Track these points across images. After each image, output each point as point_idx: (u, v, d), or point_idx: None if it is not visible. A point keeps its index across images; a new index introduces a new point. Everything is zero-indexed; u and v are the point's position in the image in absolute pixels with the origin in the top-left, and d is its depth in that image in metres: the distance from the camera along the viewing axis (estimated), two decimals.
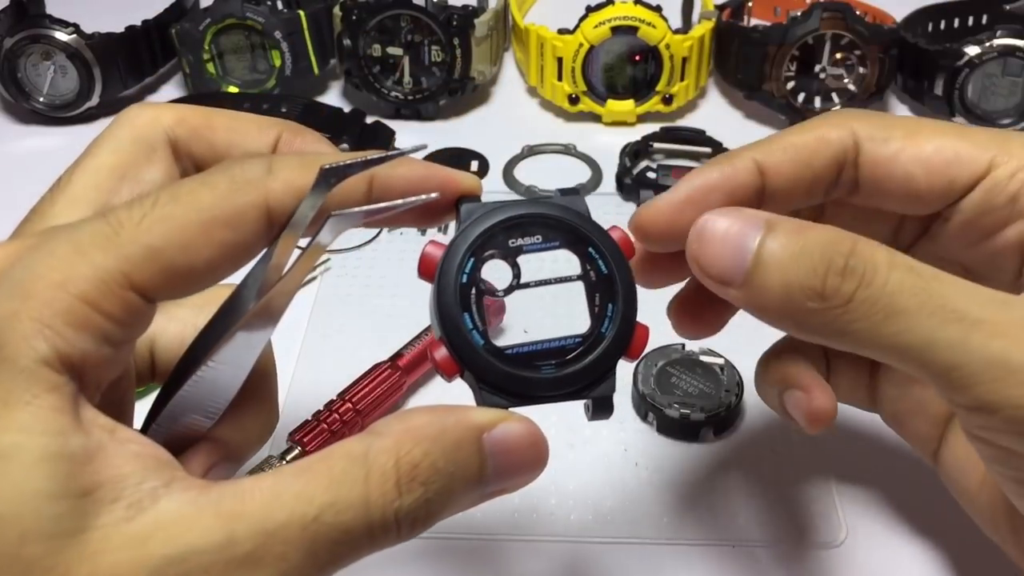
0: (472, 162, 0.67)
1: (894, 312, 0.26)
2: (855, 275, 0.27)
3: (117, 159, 0.33)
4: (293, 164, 0.28)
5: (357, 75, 0.70)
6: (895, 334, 0.27)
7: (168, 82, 0.77)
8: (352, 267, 0.56)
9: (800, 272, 0.28)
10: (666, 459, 0.44)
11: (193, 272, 0.26)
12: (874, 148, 0.32)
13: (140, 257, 0.25)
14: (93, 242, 0.25)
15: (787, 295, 0.28)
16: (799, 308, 0.28)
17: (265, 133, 0.34)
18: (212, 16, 0.69)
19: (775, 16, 0.81)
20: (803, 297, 0.28)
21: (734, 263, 0.29)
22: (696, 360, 0.48)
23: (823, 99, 0.68)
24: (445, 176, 0.30)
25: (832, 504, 0.42)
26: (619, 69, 0.69)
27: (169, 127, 0.33)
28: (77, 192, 0.32)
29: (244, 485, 0.24)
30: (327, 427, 0.43)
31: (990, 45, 0.65)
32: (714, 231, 0.30)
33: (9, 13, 0.69)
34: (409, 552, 0.40)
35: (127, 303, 0.25)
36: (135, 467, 0.24)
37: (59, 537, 0.22)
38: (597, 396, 0.30)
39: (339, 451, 0.25)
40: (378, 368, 0.46)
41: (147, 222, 0.25)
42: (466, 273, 0.29)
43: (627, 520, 0.41)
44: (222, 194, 0.26)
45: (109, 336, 0.24)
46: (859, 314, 0.27)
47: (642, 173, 0.62)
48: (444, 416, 0.26)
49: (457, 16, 0.67)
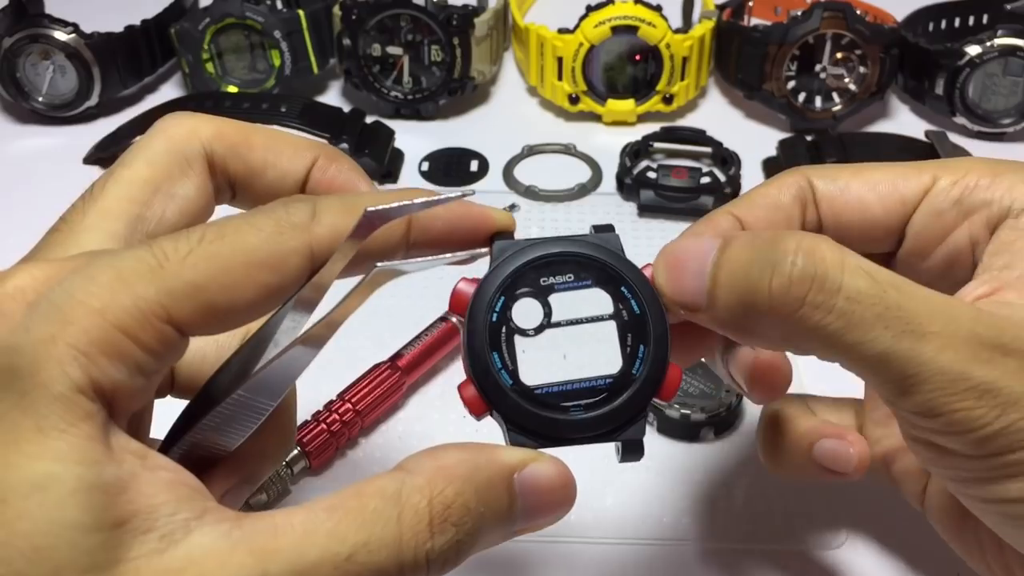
0: (472, 162, 0.67)
1: (852, 323, 0.27)
2: (803, 283, 0.27)
3: (152, 171, 0.32)
4: (337, 208, 0.27)
5: (357, 75, 0.69)
6: (856, 344, 0.27)
7: (167, 82, 0.77)
8: None
9: (751, 280, 0.28)
10: (666, 459, 0.44)
11: (232, 311, 0.26)
12: (825, 185, 0.34)
13: (182, 293, 0.24)
14: (136, 272, 0.24)
15: (742, 307, 0.28)
16: (755, 318, 0.28)
17: (301, 156, 0.34)
18: (211, 16, 0.69)
19: (776, 16, 0.81)
20: (754, 304, 0.28)
21: (696, 286, 0.29)
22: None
23: (823, 99, 0.68)
24: (480, 214, 0.30)
25: (832, 505, 0.42)
26: (619, 69, 0.69)
27: (207, 141, 0.33)
28: (110, 204, 0.31)
29: (276, 520, 0.24)
30: (327, 427, 0.43)
31: (991, 45, 0.65)
32: (674, 257, 0.30)
33: (8, 12, 0.69)
34: None
35: (164, 336, 0.24)
36: (168, 497, 0.23)
37: (93, 571, 0.22)
38: (627, 440, 0.29)
39: (371, 488, 0.25)
40: (378, 368, 0.46)
41: (192, 258, 0.25)
42: (496, 312, 0.29)
43: (627, 520, 0.41)
44: (268, 237, 0.26)
45: (143, 367, 0.24)
46: (811, 322, 0.27)
47: (642, 173, 0.62)
48: (476, 455, 0.26)
49: (457, 16, 0.67)
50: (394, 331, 0.49)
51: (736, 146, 0.65)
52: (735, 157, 0.64)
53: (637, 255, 0.30)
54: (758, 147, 0.67)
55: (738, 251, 0.28)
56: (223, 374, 0.28)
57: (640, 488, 0.43)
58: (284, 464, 0.42)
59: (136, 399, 0.25)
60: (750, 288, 0.28)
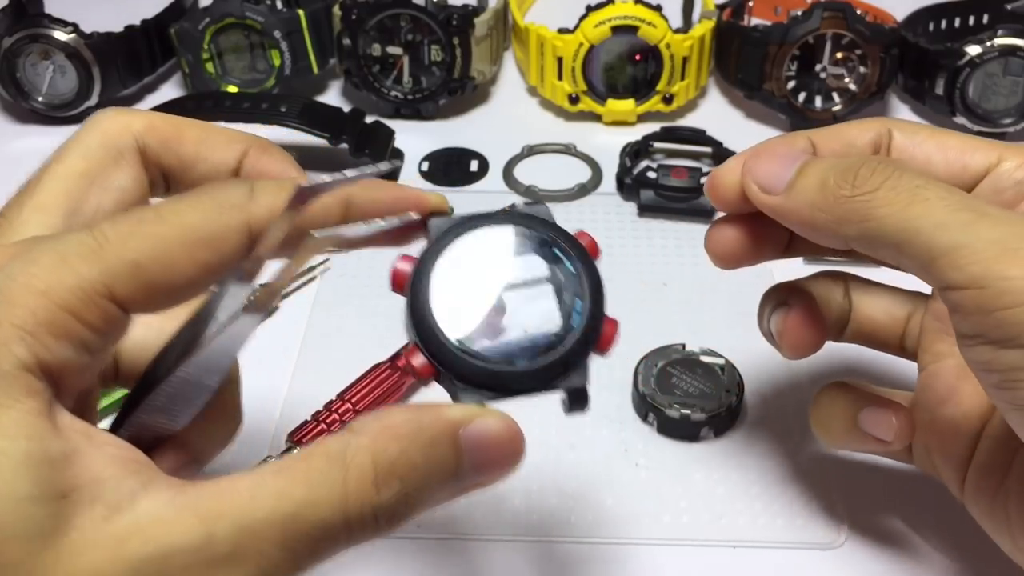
0: (472, 162, 0.67)
1: (916, 200, 0.30)
2: (885, 171, 0.31)
3: (86, 165, 0.33)
4: (273, 188, 0.28)
5: (357, 75, 0.69)
6: (915, 217, 0.29)
7: (167, 82, 0.77)
8: (352, 267, 0.56)
9: (837, 170, 0.31)
10: (666, 459, 0.44)
11: (173, 289, 0.26)
12: (903, 137, 0.36)
13: (123, 271, 0.25)
14: (78, 253, 0.25)
15: (822, 189, 0.32)
16: (830, 198, 0.31)
17: (232, 147, 0.35)
18: (211, 16, 0.69)
19: (776, 16, 0.81)
20: (836, 187, 0.31)
21: (780, 173, 0.33)
22: (696, 360, 0.47)
23: (824, 99, 0.68)
24: (416, 196, 0.31)
25: (832, 504, 0.42)
26: (619, 69, 0.69)
27: (139, 134, 0.34)
28: (46, 198, 0.32)
29: (222, 484, 0.25)
30: (326, 427, 0.43)
31: (991, 45, 0.65)
32: (770, 149, 0.34)
33: (8, 12, 0.69)
34: (407, 552, 0.40)
35: (107, 313, 0.25)
36: (114, 470, 0.24)
37: (38, 539, 0.22)
38: (571, 387, 0.30)
39: (318, 450, 0.26)
40: (377, 368, 0.46)
41: (132, 239, 0.26)
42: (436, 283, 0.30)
43: (627, 520, 0.41)
44: (206, 215, 0.27)
45: (88, 344, 0.25)
46: (884, 200, 0.30)
47: (642, 173, 0.62)
48: (421, 414, 0.27)
49: (457, 16, 0.67)
50: (394, 331, 0.49)
51: (736, 146, 0.65)
52: None
53: (637, 255, 0.30)
54: None
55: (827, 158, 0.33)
56: (167, 354, 0.29)
57: (640, 488, 0.43)
58: None
59: (82, 377, 0.25)
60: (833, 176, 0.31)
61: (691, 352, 0.48)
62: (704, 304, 0.53)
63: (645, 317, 0.52)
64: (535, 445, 0.45)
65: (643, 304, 0.53)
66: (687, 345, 0.48)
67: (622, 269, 0.55)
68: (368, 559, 0.40)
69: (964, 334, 0.30)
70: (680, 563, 0.40)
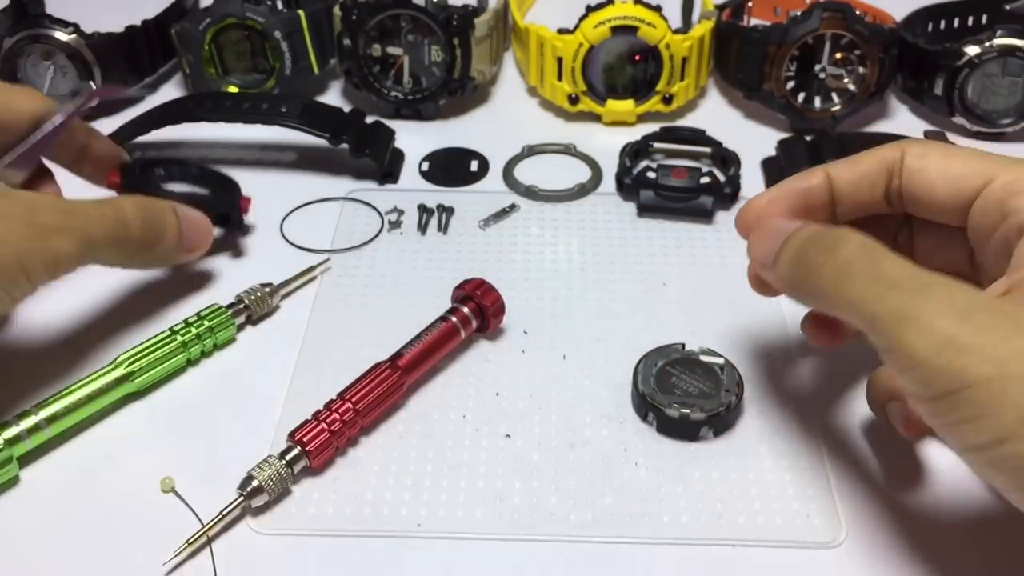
0: (472, 162, 0.67)
1: (846, 276, 0.34)
2: (826, 250, 0.36)
3: None
4: None
5: (357, 75, 0.70)
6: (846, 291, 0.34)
7: (168, 82, 0.77)
8: (352, 267, 0.56)
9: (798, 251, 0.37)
10: (666, 459, 0.44)
11: None
12: (912, 161, 0.40)
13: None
14: None
15: (792, 268, 0.37)
16: (797, 276, 0.37)
17: None
18: (212, 16, 0.69)
19: (775, 16, 0.81)
20: (799, 266, 0.36)
21: (768, 249, 0.38)
22: (696, 360, 0.48)
23: (823, 99, 0.69)
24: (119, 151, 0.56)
25: (831, 504, 0.42)
26: (619, 69, 0.69)
27: None
28: None
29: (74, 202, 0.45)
30: (327, 427, 0.43)
31: (990, 45, 0.65)
32: (766, 229, 0.39)
33: (9, 13, 0.69)
34: (407, 552, 0.40)
35: None
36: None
37: None
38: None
39: None
40: (378, 368, 0.46)
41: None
42: None
43: (627, 520, 0.42)
44: None
45: None
46: (824, 276, 0.35)
47: (642, 173, 0.62)
48: None
49: (457, 16, 0.67)
50: (394, 331, 0.49)
51: (736, 146, 0.65)
52: (735, 157, 0.64)
53: (637, 255, 0.30)
54: (758, 147, 0.67)
55: (802, 236, 0.37)
56: None
57: (640, 487, 0.43)
58: (285, 463, 0.42)
59: None
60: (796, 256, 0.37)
61: (691, 352, 0.48)
62: (704, 304, 0.53)
63: (645, 317, 0.52)
64: (535, 445, 0.46)
65: (643, 304, 0.53)
66: (687, 345, 0.48)
67: (622, 269, 0.55)
68: (368, 558, 0.40)
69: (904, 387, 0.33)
70: (680, 562, 0.40)
